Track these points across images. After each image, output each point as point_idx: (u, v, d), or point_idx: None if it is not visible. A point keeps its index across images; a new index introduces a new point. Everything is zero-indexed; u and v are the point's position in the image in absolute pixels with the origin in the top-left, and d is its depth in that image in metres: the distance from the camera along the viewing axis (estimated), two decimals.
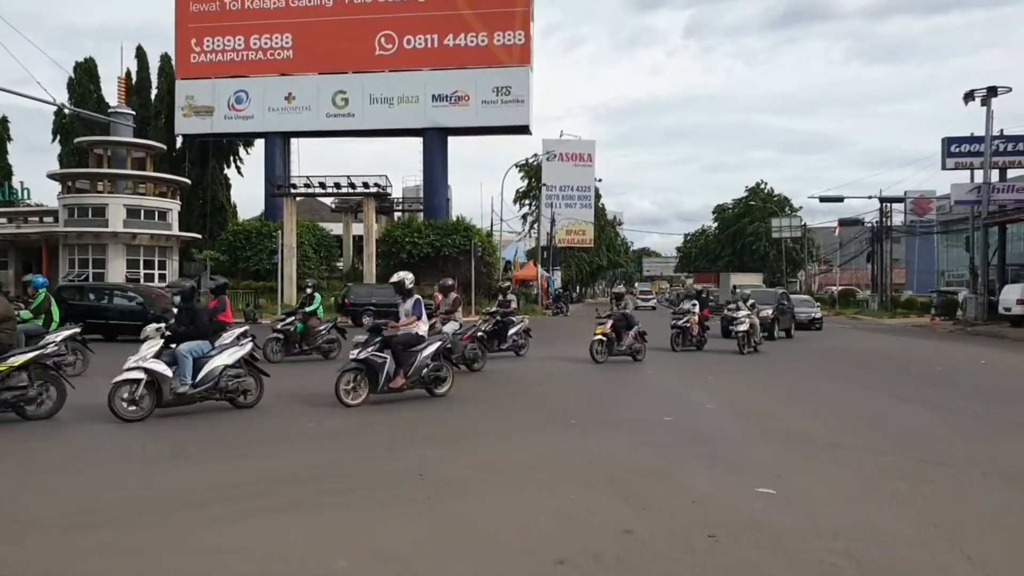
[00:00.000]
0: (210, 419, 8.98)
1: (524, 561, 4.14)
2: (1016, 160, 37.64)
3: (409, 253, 37.75)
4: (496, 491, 5.62)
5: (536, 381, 12.68)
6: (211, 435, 7.99)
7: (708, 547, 4.41)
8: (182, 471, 6.23)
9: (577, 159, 60.52)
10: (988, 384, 13.39)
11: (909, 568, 4.10)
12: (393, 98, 41.84)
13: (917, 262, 58.46)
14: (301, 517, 4.91)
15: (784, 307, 25.68)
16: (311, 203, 53.50)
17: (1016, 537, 4.74)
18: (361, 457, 6.78)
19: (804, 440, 7.88)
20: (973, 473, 6.44)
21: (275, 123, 42.64)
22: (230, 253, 38.44)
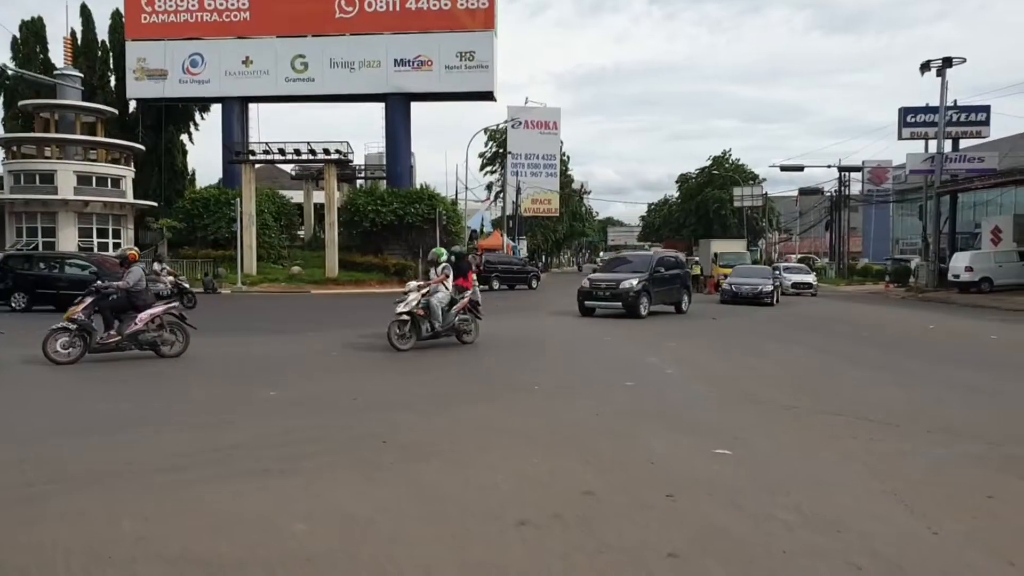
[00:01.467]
0: (169, 385, 8.90)
1: (485, 522, 4.21)
2: (969, 130, 38.45)
3: (372, 221, 37.36)
4: (458, 455, 5.67)
5: (501, 348, 12.74)
6: (171, 402, 7.91)
7: (666, 506, 4.53)
8: (139, 438, 6.17)
9: (542, 127, 60.27)
10: (935, 347, 13.83)
11: (853, 520, 4.26)
12: (354, 62, 41.01)
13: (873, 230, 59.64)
14: (260, 482, 4.91)
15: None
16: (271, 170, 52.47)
17: (953, 489, 4.95)
18: (322, 424, 6.78)
19: (760, 402, 8.08)
20: (918, 431, 6.67)
21: (232, 88, 41.54)
22: (187, 221, 37.61)
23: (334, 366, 10.70)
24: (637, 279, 18.98)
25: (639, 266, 20.23)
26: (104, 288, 10.71)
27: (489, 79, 40.87)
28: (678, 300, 20.88)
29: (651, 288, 19.19)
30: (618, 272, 20.31)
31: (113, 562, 3.67)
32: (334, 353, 11.89)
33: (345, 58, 41.04)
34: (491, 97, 42.21)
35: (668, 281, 20.51)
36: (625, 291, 18.67)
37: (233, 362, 10.94)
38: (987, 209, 40.52)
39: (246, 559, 3.70)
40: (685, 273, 21.97)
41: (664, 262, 20.94)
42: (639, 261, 21.05)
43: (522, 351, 12.54)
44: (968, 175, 36.65)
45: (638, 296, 18.61)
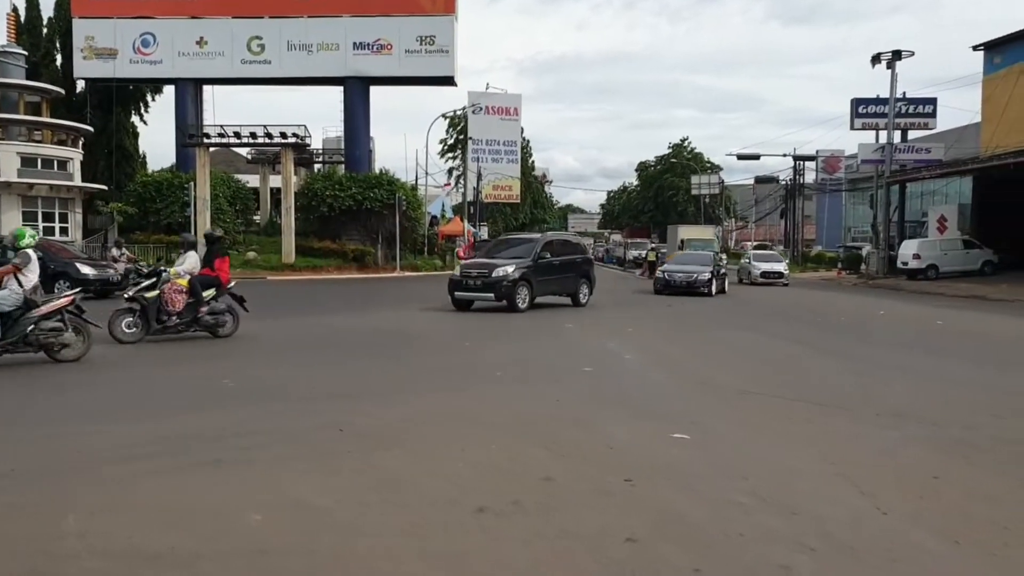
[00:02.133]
0: (124, 375, 8.69)
1: (444, 510, 4.19)
2: (917, 122, 39.40)
3: (330, 206, 36.86)
4: (418, 443, 5.64)
5: (461, 338, 12.72)
6: (125, 392, 7.73)
7: (624, 491, 4.56)
8: (89, 429, 6.00)
9: (503, 113, 59.97)
10: (886, 333, 14.20)
11: (808, 503, 4.35)
12: (312, 45, 40.28)
13: (827, 218, 60.88)
14: (215, 473, 4.82)
15: None
16: (226, 154, 51.48)
17: (901, 471, 5.08)
18: (280, 412, 6.67)
19: (717, 387, 8.20)
20: (869, 415, 6.84)
21: (186, 69, 40.46)
22: (139, 205, 36.63)
23: (292, 355, 10.56)
24: (514, 266, 16.38)
25: (521, 251, 17.41)
26: None
27: (450, 64, 40.55)
28: (573, 291, 18.12)
29: (533, 277, 16.60)
30: (496, 258, 17.39)
31: (54, 558, 3.56)
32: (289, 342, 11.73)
33: (303, 40, 40.29)
34: (452, 82, 41.90)
35: (558, 269, 17.66)
36: (498, 280, 16.09)
37: (186, 351, 10.72)
38: (934, 199, 41.65)
39: (198, 552, 3.62)
40: (585, 260, 19.21)
41: (553, 247, 17.98)
42: (522, 246, 18.08)
43: (477, 338, 12.52)
44: (916, 165, 37.59)
45: (514, 286, 16.08)
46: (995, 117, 33.55)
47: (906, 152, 39.00)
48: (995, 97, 33.94)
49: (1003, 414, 6.92)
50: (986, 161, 30.95)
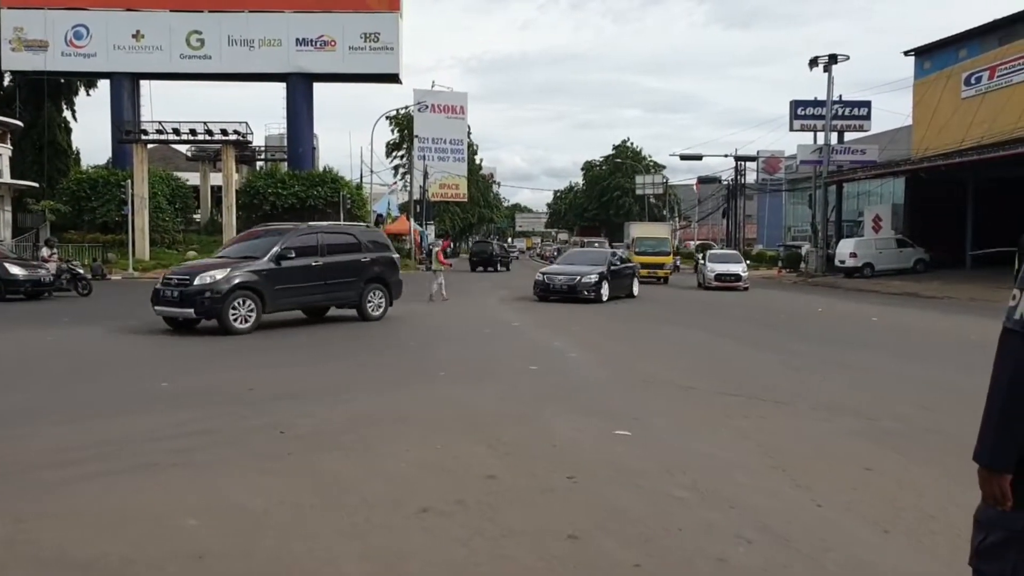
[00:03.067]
0: (53, 376, 8.37)
1: (387, 511, 4.15)
2: (852, 124, 40.66)
3: (273, 204, 36.22)
4: (360, 444, 5.57)
5: (404, 338, 12.62)
6: (54, 394, 7.44)
7: (567, 487, 4.58)
8: (17, 433, 5.76)
9: (449, 111, 59.82)
10: (823, 330, 14.61)
11: (745, 496, 4.44)
12: (254, 40, 39.48)
13: (767, 218, 62.33)
14: (151, 478, 4.68)
15: None
16: (165, 151, 50.07)
17: (836, 463, 5.22)
18: (217, 415, 6.51)
19: (659, 384, 8.32)
20: (805, 409, 7.02)
21: (121, 63, 39.22)
22: (73, 204, 35.37)
23: (230, 355, 10.32)
24: (229, 271, 12.16)
25: (258, 248, 13.17)
26: None
27: (394, 61, 40.25)
28: (354, 301, 14.05)
29: (266, 285, 12.38)
30: (217, 259, 13.55)
31: None
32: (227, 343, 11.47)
33: (244, 36, 39.47)
34: (397, 80, 41.62)
35: (319, 273, 13.22)
36: (199, 291, 11.87)
37: (122, 352, 10.39)
38: (869, 199, 43.01)
39: (132, 558, 3.51)
40: (378, 261, 14.49)
41: (312, 242, 13.43)
42: (264, 239, 13.53)
43: (424, 337, 12.45)
44: (852, 166, 38.79)
45: (225, 299, 11.84)
46: (925, 120, 34.83)
47: (843, 153, 40.21)
48: (925, 101, 35.23)
49: (932, 407, 7.17)
50: (917, 163, 32.11)
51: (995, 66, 31.21)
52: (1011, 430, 1.98)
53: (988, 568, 2.08)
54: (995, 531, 2.06)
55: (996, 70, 31.08)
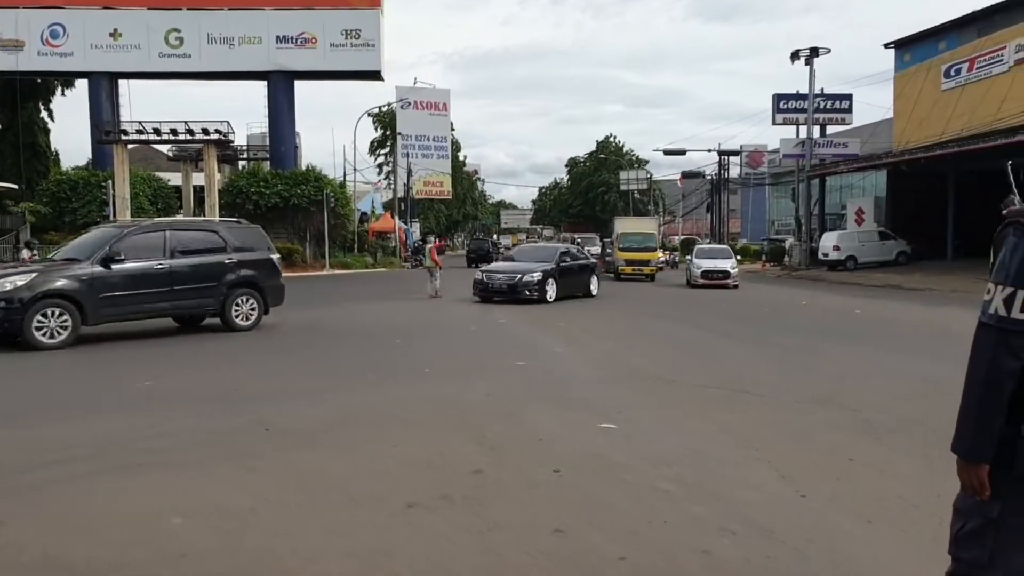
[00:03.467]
0: (35, 378, 8.28)
1: (373, 507, 4.14)
2: (834, 117, 40.91)
3: (256, 204, 35.97)
4: (346, 441, 5.55)
5: (390, 335, 12.58)
6: (37, 395, 7.36)
7: (552, 481, 4.59)
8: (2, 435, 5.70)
9: (432, 108, 59.58)
10: (807, 323, 14.71)
11: (730, 488, 4.46)
12: (234, 38, 39.14)
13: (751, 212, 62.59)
14: (135, 478, 4.64)
15: None
16: (146, 151, 49.59)
17: (819, 454, 5.27)
18: (202, 413, 6.47)
19: (644, 378, 8.35)
20: (789, 401, 7.07)
21: (99, 62, 38.76)
22: (53, 205, 34.98)
23: (214, 354, 10.25)
24: (28, 279, 10.40)
25: (85, 249, 11.47)
26: None
27: (376, 58, 40.05)
28: (213, 309, 12.16)
29: (88, 294, 10.60)
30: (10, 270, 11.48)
31: None
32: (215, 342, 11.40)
33: (224, 33, 39.12)
34: (378, 77, 41.40)
35: (147, 280, 11.31)
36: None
37: (102, 351, 10.29)
38: (852, 192, 43.36)
39: (117, 561, 3.48)
40: (242, 263, 12.44)
41: (144, 244, 11.54)
42: (90, 241, 11.85)
43: (410, 334, 12.42)
44: (834, 159, 39.05)
45: (15, 312, 10.03)
46: (906, 113, 35.11)
47: (825, 147, 40.47)
48: (906, 94, 35.51)
49: (915, 398, 7.24)
50: (899, 156, 32.38)
51: (974, 58, 31.51)
52: (987, 423, 2.00)
53: (966, 555, 2.11)
54: (973, 519, 2.09)
55: (975, 62, 31.37)
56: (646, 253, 30.09)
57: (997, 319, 1.99)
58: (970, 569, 2.10)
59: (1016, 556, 2.05)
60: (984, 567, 2.07)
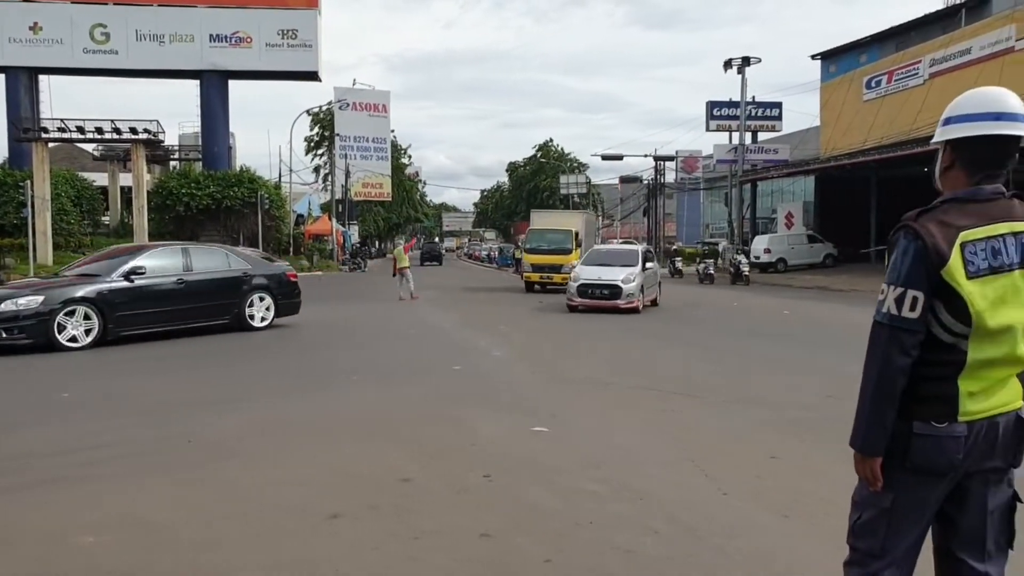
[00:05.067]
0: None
1: (297, 518, 4.06)
2: (765, 124, 42.17)
3: (187, 206, 35.05)
4: (272, 451, 5.44)
5: (322, 340, 12.40)
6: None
7: (482, 487, 4.59)
8: None
9: (372, 109, 59.14)
10: (738, 324, 15.08)
11: (656, 488, 4.54)
12: (164, 36, 38.07)
13: (686, 216, 63.91)
14: (48, 493, 4.46)
15: None
16: (69, 150, 47.75)
17: (743, 453, 5.40)
18: (123, 425, 6.25)
19: (579, 381, 8.43)
20: (717, 401, 7.24)
21: (17, 56, 37.20)
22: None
23: (138, 363, 9.92)
24: None
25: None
26: None
27: (313, 59, 39.54)
28: None
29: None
30: None
31: None
32: None
33: (153, 30, 38.06)
34: (316, 77, 40.89)
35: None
36: None
37: (14, 362, 9.85)
38: (782, 196, 44.69)
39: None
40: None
41: None
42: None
43: (347, 340, 12.27)
44: (765, 165, 40.23)
45: None
46: (832, 121, 36.42)
47: (756, 153, 41.68)
48: (831, 103, 36.84)
49: (837, 395, 7.47)
50: (825, 162, 33.53)
51: (892, 71, 32.90)
52: (880, 418, 2.10)
53: (861, 544, 2.21)
54: (868, 510, 2.19)
55: (893, 75, 32.77)
56: (558, 256, 23.40)
57: (889, 318, 2.09)
58: (864, 557, 2.20)
59: (904, 542, 2.17)
60: (877, 556, 2.17)
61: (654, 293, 18.11)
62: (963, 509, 2.18)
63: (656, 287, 18.43)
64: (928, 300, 2.05)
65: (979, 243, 2.05)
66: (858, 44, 36.07)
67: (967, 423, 2.07)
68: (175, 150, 45.26)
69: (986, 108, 2.10)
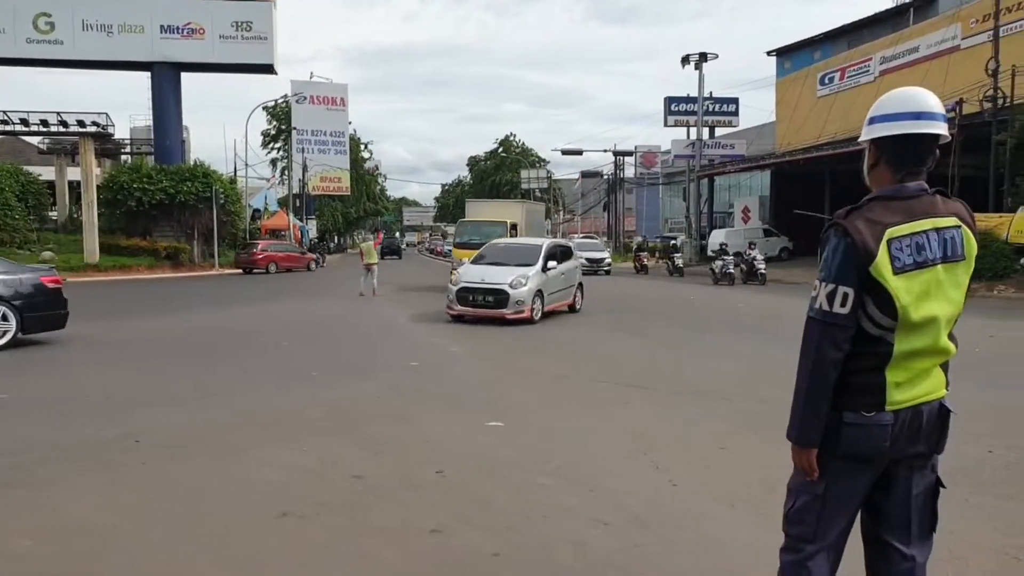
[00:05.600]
0: None
1: (245, 518, 4.02)
2: (722, 120, 42.72)
3: (139, 200, 34.13)
4: (222, 450, 5.36)
5: (279, 335, 12.24)
6: None
7: (434, 483, 4.59)
8: None
9: (329, 103, 58.42)
10: (694, 317, 15.29)
11: (607, 480, 4.59)
12: (112, 26, 36.99)
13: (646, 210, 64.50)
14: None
15: None
16: (13, 143, 46.37)
17: (694, 444, 5.50)
18: (66, 426, 6.08)
19: (535, 375, 8.47)
20: (671, 393, 7.34)
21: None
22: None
23: (87, 362, 9.68)
24: None
25: None
26: None
27: (269, 51, 38.83)
28: None
29: None
30: None
31: None
32: None
33: (101, 20, 36.94)
34: (271, 70, 40.18)
35: None
36: None
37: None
38: (739, 191, 45.35)
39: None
40: None
41: None
42: None
43: (303, 336, 12.14)
44: (722, 160, 40.77)
45: None
46: (787, 117, 37.05)
47: (713, 148, 42.21)
48: (786, 99, 37.47)
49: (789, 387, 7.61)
50: (780, 157, 34.12)
51: (845, 68, 33.59)
52: (815, 410, 2.16)
53: (795, 531, 2.28)
54: (802, 497, 2.26)
55: (846, 72, 33.46)
56: None
57: (822, 314, 2.15)
58: (797, 543, 2.27)
59: (835, 528, 2.24)
60: (810, 541, 2.24)
61: (568, 297, 15.34)
62: (890, 495, 2.25)
63: (573, 289, 15.55)
64: (858, 295, 2.10)
65: (904, 239, 2.10)
66: (812, 41, 36.74)
67: (894, 412, 2.13)
68: (126, 143, 44.21)
69: (906, 108, 2.17)
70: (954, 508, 3.94)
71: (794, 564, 2.27)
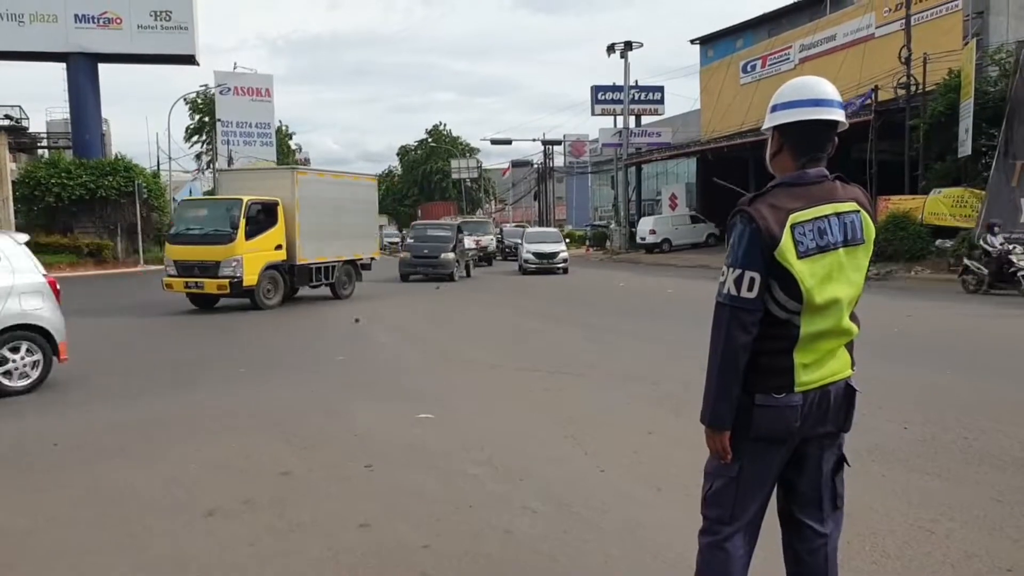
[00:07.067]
0: None
1: (169, 517, 3.93)
2: (648, 108, 43.34)
3: (58, 196, 32.64)
4: (145, 449, 5.21)
5: (200, 331, 11.93)
6: None
7: (363, 477, 4.57)
8: None
9: (254, 94, 56.80)
10: (623, 303, 15.56)
11: (536, 467, 4.65)
12: (23, 15, 35.15)
13: (575, 199, 65.12)
14: None
15: None
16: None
17: (622, 429, 5.60)
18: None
19: (467, 363, 8.50)
20: (600, 378, 7.47)
21: None
22: None
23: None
24: None
25: None
26: None
27: (190, 42, 37.52)
28: None
29: None
30: None
31: None
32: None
33: (11, 9, 35.04)
34: (193, 61, 38.84)
35: None
36: None
37: None
38: (666, 178, 46.22)
39: None
40: None
41: None
42: None
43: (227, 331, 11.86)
44: (649, 148, 41.44)
45: None
46: (711, 105, 37.81)
47: (640, 136, 42.83)
48: (710, 87, 38.25)
49: None
50: (705, 144, 34.86)
51: (766, 56, 34.48)
52: (727, 393, 2.22)
53: (712, 513, 2.35)
54: (718, 479, 2.33)
55: (767, 60, 34.35)
56: (211, 248, 14.52)
57: (730, 298, 2.21)
58: (714, 525, 2.34)
59: (750, 508, 2.31)
60: (726, 522, 2.31)
61: None
62: (801, 473, 2.35)
63: None
64: (764, 280, 2.16)
65: (807, 224, 2.18)
66: (735, 29, 37.57)
67: (803, 392, 2.21)
68: (43, 137, 42.22)
69: (805, 95, 2.25)
70: (870, 484, 4.15)
71: (712, 545, 2.33)
